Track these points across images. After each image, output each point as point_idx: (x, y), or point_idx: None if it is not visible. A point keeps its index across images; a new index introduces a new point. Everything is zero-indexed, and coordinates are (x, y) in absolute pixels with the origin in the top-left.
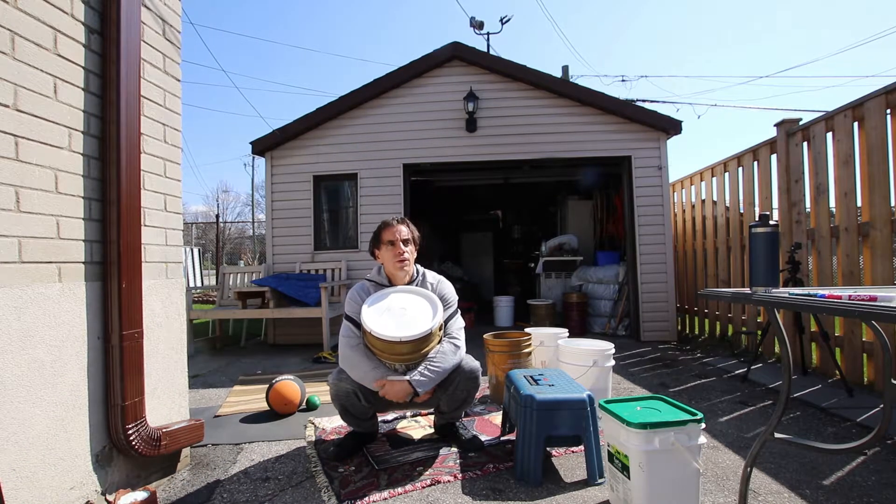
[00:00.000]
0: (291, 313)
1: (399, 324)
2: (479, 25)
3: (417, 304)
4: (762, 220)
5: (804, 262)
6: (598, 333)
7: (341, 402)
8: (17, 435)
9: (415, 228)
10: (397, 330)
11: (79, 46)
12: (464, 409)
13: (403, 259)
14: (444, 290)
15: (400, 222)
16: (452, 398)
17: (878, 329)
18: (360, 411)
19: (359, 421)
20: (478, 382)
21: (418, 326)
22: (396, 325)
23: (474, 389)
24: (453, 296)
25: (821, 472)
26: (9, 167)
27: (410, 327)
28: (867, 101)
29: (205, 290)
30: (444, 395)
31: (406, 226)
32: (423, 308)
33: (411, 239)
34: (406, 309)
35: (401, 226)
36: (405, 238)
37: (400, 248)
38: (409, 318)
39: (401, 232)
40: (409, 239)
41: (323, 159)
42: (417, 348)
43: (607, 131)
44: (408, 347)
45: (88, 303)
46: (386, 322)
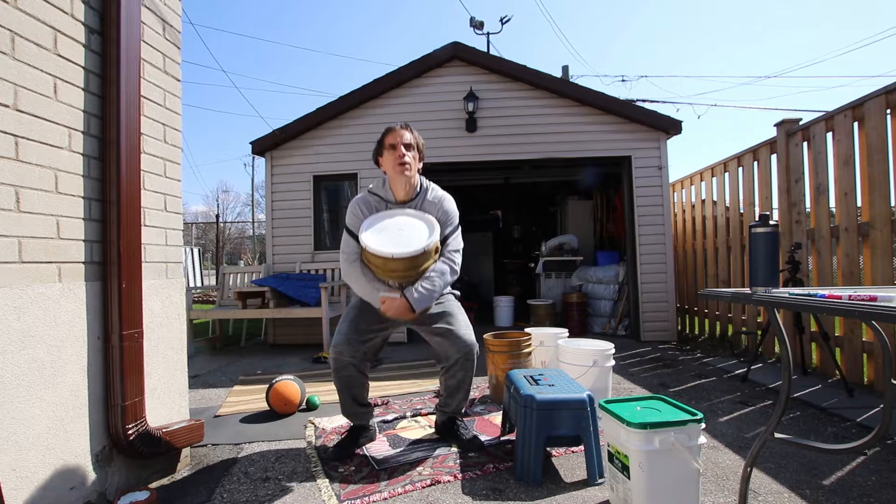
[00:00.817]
0: (291, 313)
1: (395, 242)
2: (479, 25)
3: (414, 225)
4: (762, 220)
5: (804, 262)
6: (598, 333)
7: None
8: (17, 435)
9: (419, 137)
10: (393, 247)
11: (79, 46)
12: (463, 391)
13: (404, 162)
14: (447, 207)
15: (403, 127)
16: (451, 378)
17: (878, 329)
18: (357, 384)
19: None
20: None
21: (413, 244)
22: (392, 242)
23: (471, 366)
24: (455, 213)
25: (821, 472)
26: (9, 167)
27: (405, 245)
28: (867, 101)
29: (205, 290)
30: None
31: (409, 131)
32: (420, 228)
33: (414, 145)
34: (403, 230)
35: (404, 131)
36: (407, 142)
37: (401, 151)
38: (405, 237)
39: (403, 136)
40: (412, 144)
41: (323, 159)
42: (412, 265)
43: (607, 131)
44: (402, 264)
45: (88, 303)
46: (382, 240)
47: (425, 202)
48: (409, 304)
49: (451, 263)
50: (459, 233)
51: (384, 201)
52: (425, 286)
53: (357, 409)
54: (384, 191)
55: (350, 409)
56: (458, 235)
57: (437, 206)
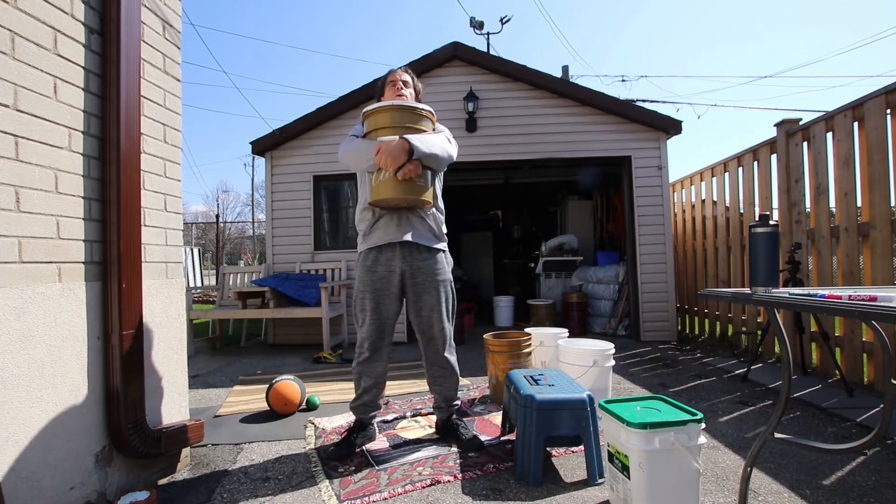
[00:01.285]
0: (291, 313)
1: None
2: (479, 25)
3: None
4: (762, 220)
5: (804, 262)
6: (598, 333)
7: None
8: (17, 435)
9: (418, 82)
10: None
11: (79, 46)
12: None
13: (401, 95)
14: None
15: (404, 70)
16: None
17: (878, 329)
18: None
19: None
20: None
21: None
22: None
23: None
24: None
25: (821, 472)
26: (9, 167)
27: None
28: (867, 101)
29: (205, 290)
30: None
31: (409, 74)
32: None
33: (412, 84)
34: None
35: (404, 73)
36: (405, 80)
37: (399, 85)
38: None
39: (402, 75)
40: (410, 83)
41: (323, 159)
42: (411, 119)
43: (607, 131)
44: (403, 115)
45: (88, 303)
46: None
47: None
48: (407, 142)
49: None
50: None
51: None
52: (424, 139)
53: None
54: None
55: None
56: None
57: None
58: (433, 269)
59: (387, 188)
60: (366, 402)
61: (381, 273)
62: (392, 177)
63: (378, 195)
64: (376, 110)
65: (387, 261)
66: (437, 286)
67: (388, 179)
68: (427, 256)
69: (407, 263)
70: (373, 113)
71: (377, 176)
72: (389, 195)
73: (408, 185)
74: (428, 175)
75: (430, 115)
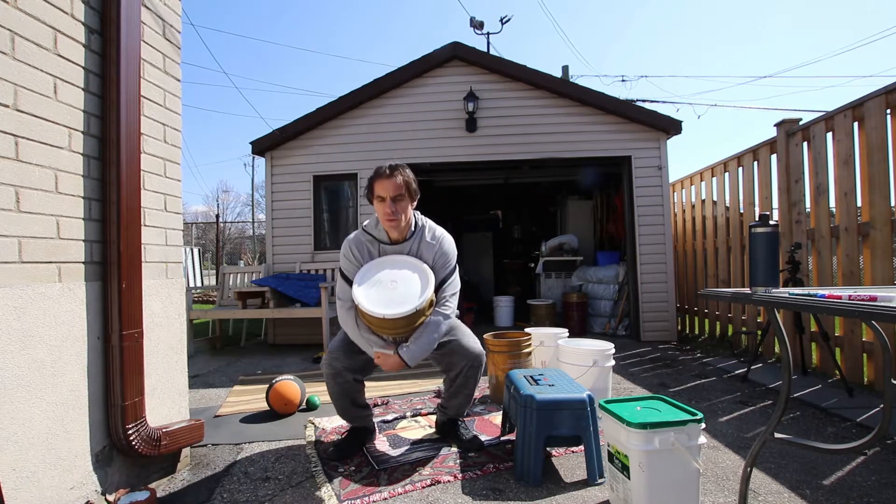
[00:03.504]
0: (291, 313)
1: (388, 300)
2: (479, 25)
3: (408, 279)
4: (762, 220)
5: (804, 262)
6: (598, 333)
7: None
8: (17, 435)
9: (412, 176)
10: (386, 307)
11: (79, 46)
12: (465, 398)
13: (393, 219)
14: (444, 248)
15: (392, 173)
16: (453, 383)
17: (878, 329)
18: (353, 390)
19: (352, 406)
20: (480, 366)
21: (406, 304)
22: (386, 301)
23: (475, 374)
24: (452, 254)
25: (821, 472)
26: (9, 167)
27: (399, 305)
28: (867, 101)
29: (205, 290)
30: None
31: (400, 176)
32: (414, 283)
33: (405, 193)
34: (397, 282)
35: (394, 178)
36: (396, 195)
37: (388, 209)
38: (399, 294)
39: (392, 187)
40: (403, 194)
41: (323, 159)
42: (406, 323)
43: (607, 131)
44: (395, 323)
45: (88, 303)
46: (376, 297)
47: (422, 243)
48: (403, 361)
49: (447, 310)
50: (457, 275)
51: (377, 241)
52: (419, 342)
53: (355, 410)
54: (377, 231)
55: (348, 413)
56: (455, 279)
57: (434, 247)
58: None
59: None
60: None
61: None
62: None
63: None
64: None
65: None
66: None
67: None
68: None
69: None
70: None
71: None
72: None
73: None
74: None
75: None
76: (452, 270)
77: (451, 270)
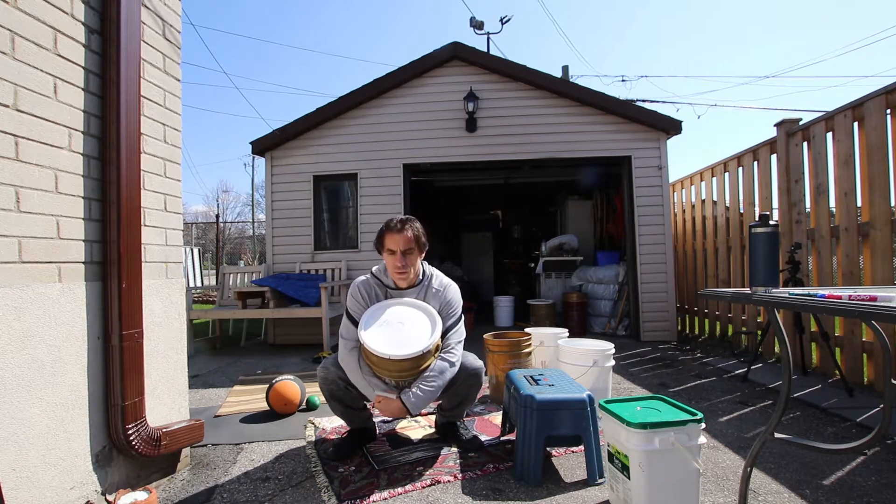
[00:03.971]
0: (291, 313)
1: (395, 340)
2: (479, 25)
3: (416, 320)
4: (762, 220)
5: (804, 262)
6: (598, 333)
7: (329, 388)
8: (17, 435)
9: (420, 229)
10: (392, 347)
11: (79, 46)
12: (465, 407)
13: (402, 272)
14: (449, 297)
15: (403, 227)
16: (454, 395)
17: (878, 329)
18: (347, 397)
19: (348, 409)
20: (480, 381)
21: (413, 345)
22: (392, 341)
23: (476, 388)
24: (457, 303)
25: (821, 472)
26: (9, 167)
27: (405, 345)
28: (867, 101)
29: (205, 290)
30: (445, 394)
31: (410, 231)
32: (422, 325)
33: (415, 246)
34: (403, 324)
35: (404, 232)
36: (406, 249)
37: (398, 262)
38: (405, 336)
39: (403, 241)
40: (412, 248)
41: (323, 159)
42: (412, 366)
43: (607, 131)
44: (401, 365)
45: (88, 303)
46: (382, 337)
47: (428, 292)
48: (406, 407)
49: (452, 358)
50: (462, 324)
51: (385, 287)
52: (423, 388)
53: (353, 413)
54: (386, 277)
55: (346, 415)
56: (460, 327)
57: (440, 297)
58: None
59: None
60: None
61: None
62: None
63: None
64: (381, 361)
65: None
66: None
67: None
68: None
69: None
70: (377, 361)
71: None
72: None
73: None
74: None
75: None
76: (458, 319)
77: (458, 319)
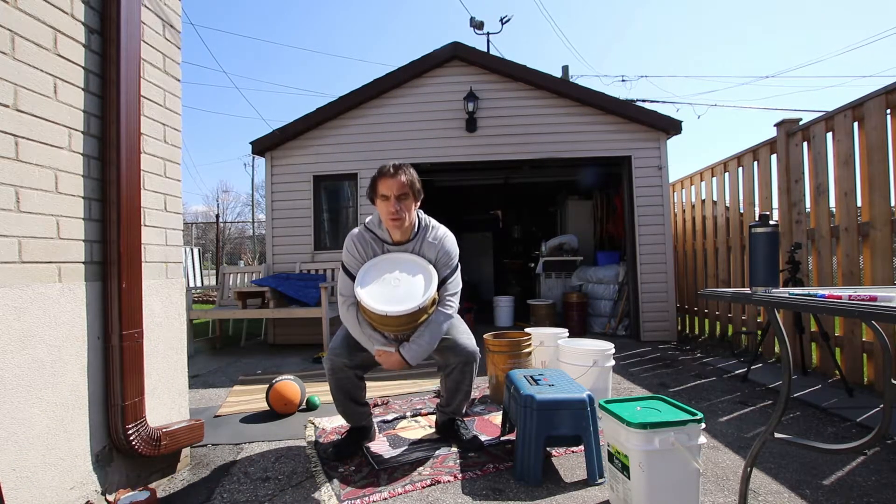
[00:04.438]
0: (291, 313)
1: (392, 297)
2: (479, 25)
3: (412, 276)
4: (762, 220)
5: (804, 262)
6: (598, 333)
7: (336, 378)
8: (17, 435)
9: (416, 176)
10: (389, 304)
11: (79, 46)
12: (462, 395)
13: (396, 218)
14: (447, 247)
15: (396, 171)
16: (449, 381)
17: (878, 329)
18: (352, 387)
19: (351, 403)
20: (473, 359)
21: (410, 301)
22: (389, 298)
23: (470, 371)
24: (454, 253)
25: (821, 472)
26: (9, 167)
27: (402, 302)
28: (867, 101)
29: (205, 290)
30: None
31: (404, 175)
32: (417, 281)
33: (409, 192)
34: (400, 280)
35: (398, 177)
36: (400, 193)
37: (392, 207)
38: (402, 292)
39: (397, 186)
40: (407, 193)
41: (323, 159)
42: (409, 321)
43: (607, 131)
44: (398, 320)
45: (88, 303)
46: (379, 294)
47: (424, 243)
48: (404, 359)
49: (448, 310)
50: (458, 274)
51: (381, 241)
52: (421, 341)
53: (355, 409)
54: (381, 230)
55: (348, 410)
56: (456, 277)
57: (437, 246)
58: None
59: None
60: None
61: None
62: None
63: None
64: (379, 318)
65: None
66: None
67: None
68: None
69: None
70: (375, 318)
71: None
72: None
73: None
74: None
75: (432, 304)
76: (454, 269)
77: (454, 269)
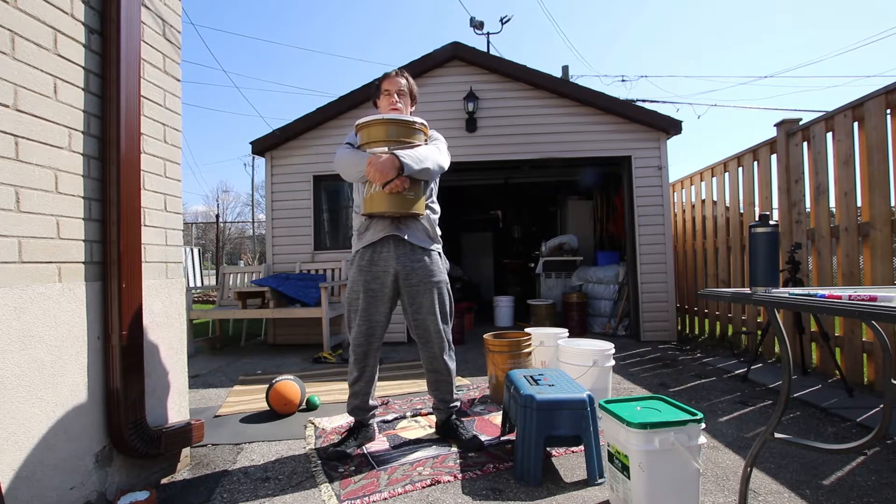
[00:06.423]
0: (291, 313)
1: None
2: (479, 25)
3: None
4: (762, 220)
5: (804, 262)
6: (598, 333)
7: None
8: (17, 435)
9: (414, 84)
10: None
11: (79, 46)
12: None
13: (395, 108)
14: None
15: (399, 74)
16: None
17: (878, 329)
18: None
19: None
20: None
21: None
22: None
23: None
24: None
25: (821, 472)
26: (9, 167)
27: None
28: (867, 101)
29: (205, 290)
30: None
31: (405, 78)
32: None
33: (407, 92)
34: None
35: (399, 78)
36: (400, 90)
37: (393, 99)
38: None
39: (398, 84)
40: (406, 91)
41: (323, 159)
42: (405, 133)
43: (607, 131)
44: (395, 129)
45: (88, 303)
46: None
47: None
48: (397, 158)
49: (438, 148)
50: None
51: None
52: (413, 154)
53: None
54: None
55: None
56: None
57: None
58: (428, 271)
59: (378, 202)
60: (355, 405)
61: (375, 273)
62: (381, 190)
63: (369, 208)
64: (369, 123)
65: (382, 261)
66: (432, 288)
67: (378, 193)
68: (421, 257)
69: (401, 264)
70: (365, 126)
71: (368, 188)
72: (381, 209)
73: (398, 199)
74: (420, 186)
75: (424, 127)
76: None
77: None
